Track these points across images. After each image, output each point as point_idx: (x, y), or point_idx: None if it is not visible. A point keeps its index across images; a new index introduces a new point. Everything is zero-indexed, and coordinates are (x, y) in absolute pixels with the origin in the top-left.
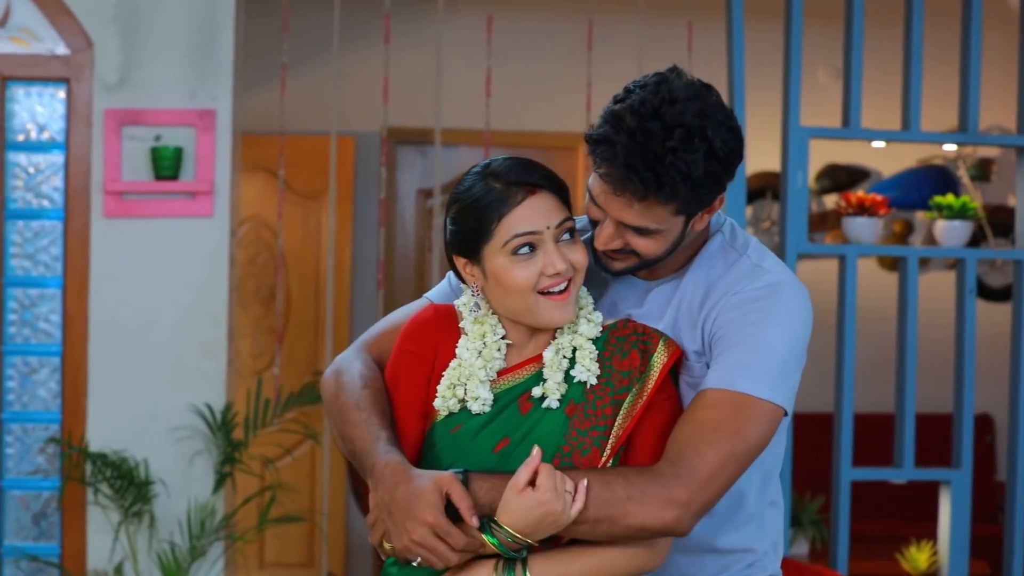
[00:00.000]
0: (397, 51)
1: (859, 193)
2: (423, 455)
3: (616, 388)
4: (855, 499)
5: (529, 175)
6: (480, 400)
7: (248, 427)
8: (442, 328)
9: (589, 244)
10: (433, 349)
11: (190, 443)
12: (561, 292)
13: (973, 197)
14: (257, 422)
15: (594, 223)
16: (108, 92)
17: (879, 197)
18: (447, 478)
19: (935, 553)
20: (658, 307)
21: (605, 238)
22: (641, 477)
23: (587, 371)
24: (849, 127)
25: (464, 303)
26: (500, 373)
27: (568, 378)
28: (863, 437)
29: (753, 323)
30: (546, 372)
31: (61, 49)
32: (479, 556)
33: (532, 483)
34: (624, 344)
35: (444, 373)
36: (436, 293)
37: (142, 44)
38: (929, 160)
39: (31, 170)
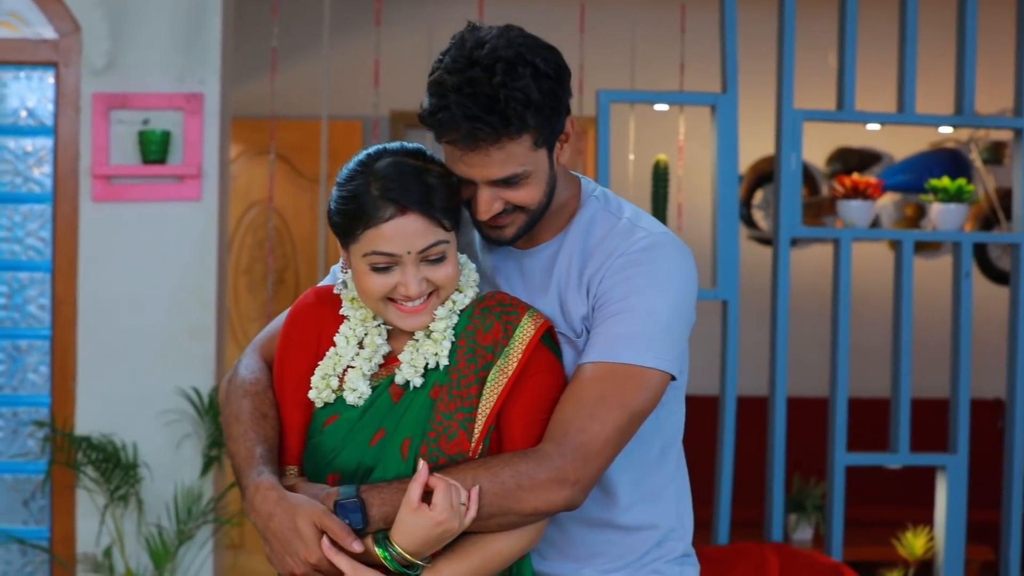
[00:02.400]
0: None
1: (853, 176)
2: (306, 445)
3: (480, 365)
4: (853, 484)
5: (403, 193)
6: (357, 392)
7: None
8: (324, 312)
9: (473, 224)
10: (316, 334)
11: (178, 427)
12: (414, 306)
13: (985, 180)
14: None
15: (468, 204)
16: (96, 76)
17: (873, 180)
18: (318, 513)
19: (931, 539)
20: (539, 276)
21: (484, 206)
22: (527, 462)
23: (435, 355)
24: (843, 109)
25: (341, 282)
26: (380, 366)
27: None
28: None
29: (636, 289)
30: (402, 356)
31: (49, 33)
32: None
33: (425, 497)
34: (488, 316)
35: (319, 363)
36: (325, 283)
37: (130, 28)
38: (941, 143)
39: (20, 154)
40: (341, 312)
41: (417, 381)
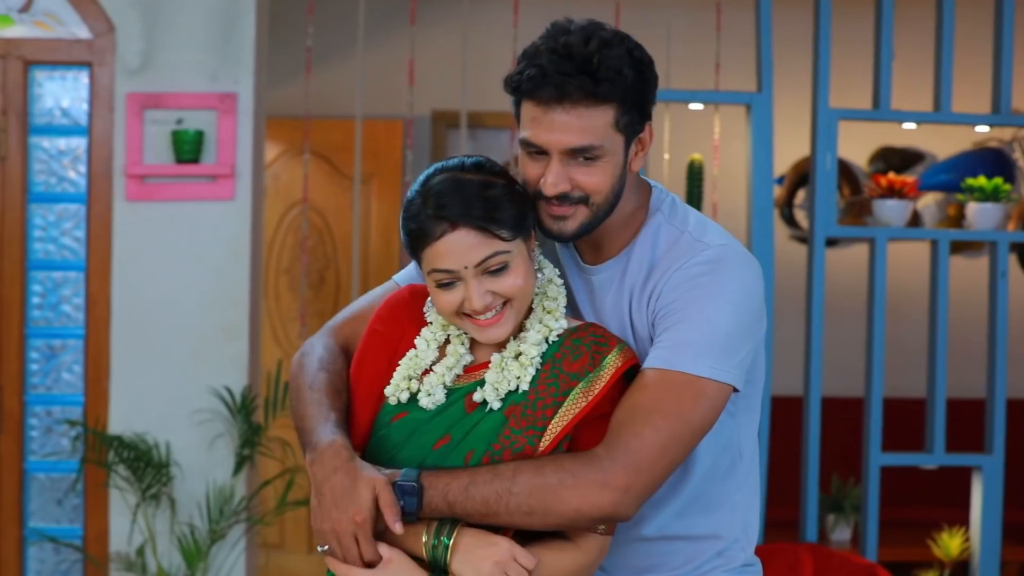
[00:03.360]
0: (423, 34)
1: (889, 175)
2: (370, 438)
3: (561, 389)
4: (888, 485)
5: (450, 209)
6: (433, 398)
7: (268, 410)
8: (414, 310)
9: (536, 227)
10: (400, 331)
11: (211, 426)
12: (487, 319)
13: None
14: (277, 405)
15: (537, 190)
16: (130, 76)
17: (909, 179)
18: (381, 483)
19: (967, 539)
20: (606, 294)
21: (553, 178)
22: (575, 462)
23: (517, 379)
24: (879, 109)
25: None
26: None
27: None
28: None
29: (695, 299)
30: (488, 376)
31: (84, 33)
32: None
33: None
34: (579, 347)
35: (400, 362)
36: (403, 275)
37: (164, 28)
38: (984, 143)
39: (54, 154)
40: (425, 316)
41: (496, 404)
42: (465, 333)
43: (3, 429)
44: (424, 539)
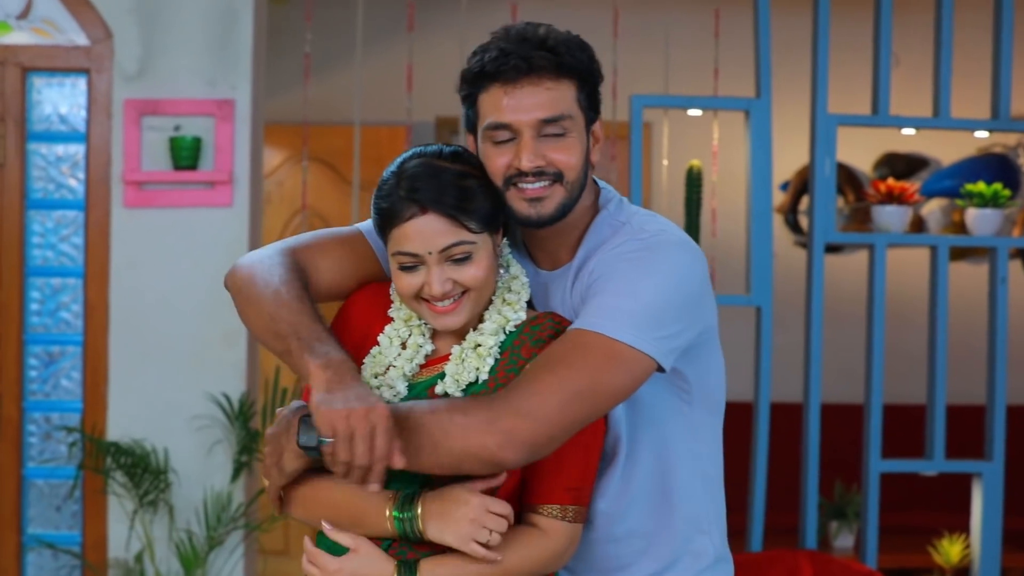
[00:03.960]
0: (421, 40)
1: (888, 181)
2: None
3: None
4: (889, 491)
5: (422, 193)
6: (394, 391)
7: (266, 416)
8: (376, 308)
9: (509, 222)
10: (365, 327)
11: (209, 432)
12: (444, 306)
13: None
14: (274, 411)
15: (508, 177)
16: (128, 82)
17: (908, 185)
18: (386, 408)
19: (967, 546)
20: (563, 297)
21: (529, 155)
22: (471, 402)
23: (476, 369)
24: (878, 114)
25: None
26: (421, 367)
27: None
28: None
29: (623, 271)
30: (447, 368)
31: (81, 40)
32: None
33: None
34: (537, 333)
35: (364, 360)
36: (367, 224)
37: (161, 34)
38: (989, 148)
39: (52, 160)
40: (388, 312)
41: (457, 395)
42: (425, 324)
43: (1, 436)
44: (388, 514)
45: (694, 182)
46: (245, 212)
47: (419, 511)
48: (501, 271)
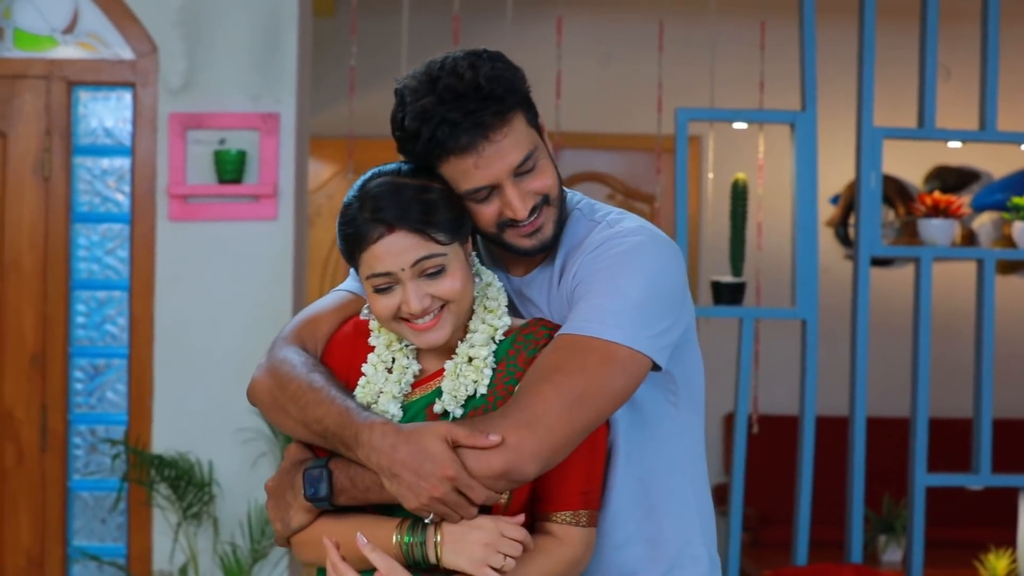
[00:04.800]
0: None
1: (935, 194)
2: None
3: (516, 386)
4: (935, 505)
5: (387, 211)
6: (388, 414)
7: None
8: (359, 343)
9: (489, 253)
10: (348, 364)
11: (254, 445)
12: (424, 323)
13: None
14: None
15: (501, 225)
16: (173, 96)
17: (955, 199)
18: (444, 427)
19: (1014, 560)
20: (540, 298)
21: (519, 203)
22: (478, 422)
23: (474, 382)
24: (924, 127)
25: (366, 307)
26: (413, 386)
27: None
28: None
29: (606, 270)
30: (444, 384)
31: (127, 54)
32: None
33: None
34: (531, 341)
35: (354, 394)
36: (346, 284)
37: (206, 48)
38: None
39: (98, 174)
40: (369, 342)
41: (457, 412)
42: (409, 345)
43: (47, 448)
44: (396, 540)
45: (739, 195)
46: (290, 225)
47: (434, 535)
48: (475, 279)
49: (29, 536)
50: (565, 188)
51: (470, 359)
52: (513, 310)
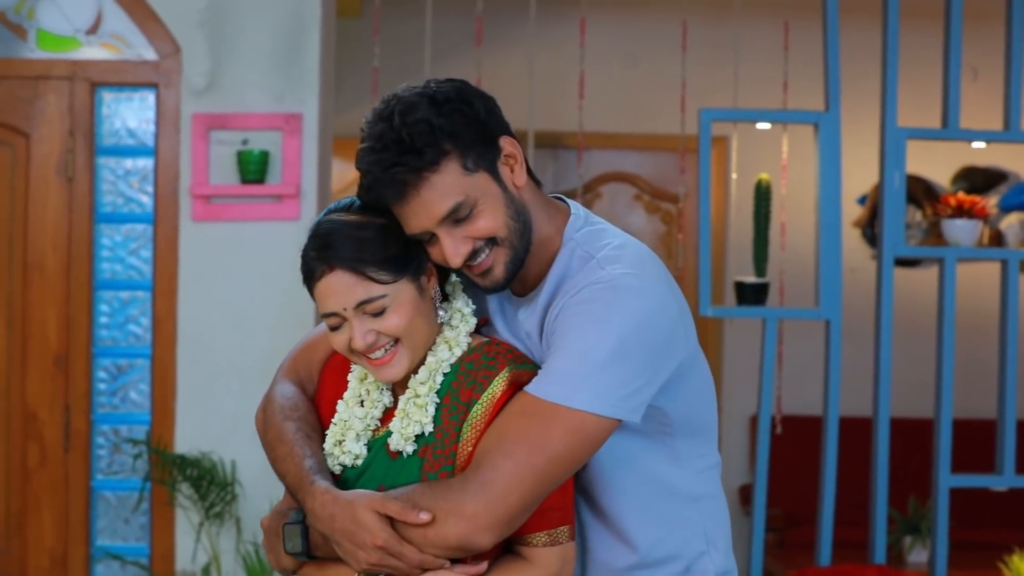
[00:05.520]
0: (489, 55)
1: (958, 195)
2: None
3: (460, 420)
4: (960, 507)
5: (325, 250)
6: (352, 454)
7: None
8: (342, 373)
9: (465, 282)
10: (337, 396)
11: None
12: (378, 358)
13: None
14: None
15: (438, 266)
16: (196, 97)
17: (979, 199)
18: (376, 500)
19: None
20: (532, 326)
21: (451, 250)
22: (437, 490)
23: (418, 422)
24: (948, 127)
25: None
26: (382, 419)
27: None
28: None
29: (576, 326)
30: (392, 424)
31: (150, 55)
32: None
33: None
34: (471, 372)
35: (327, 432)
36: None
37: (229, 49)
38: None
39: (121, 174)
40: (347, 377)
41: (408, 449)
42: (384, 390)
43: (71, 448)
44: None
45: (763, 196)
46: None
47: None
48: (441, 311)
49: (52, 536)
50: (576, 206)
51: (416, 395)
52: (511, 331)
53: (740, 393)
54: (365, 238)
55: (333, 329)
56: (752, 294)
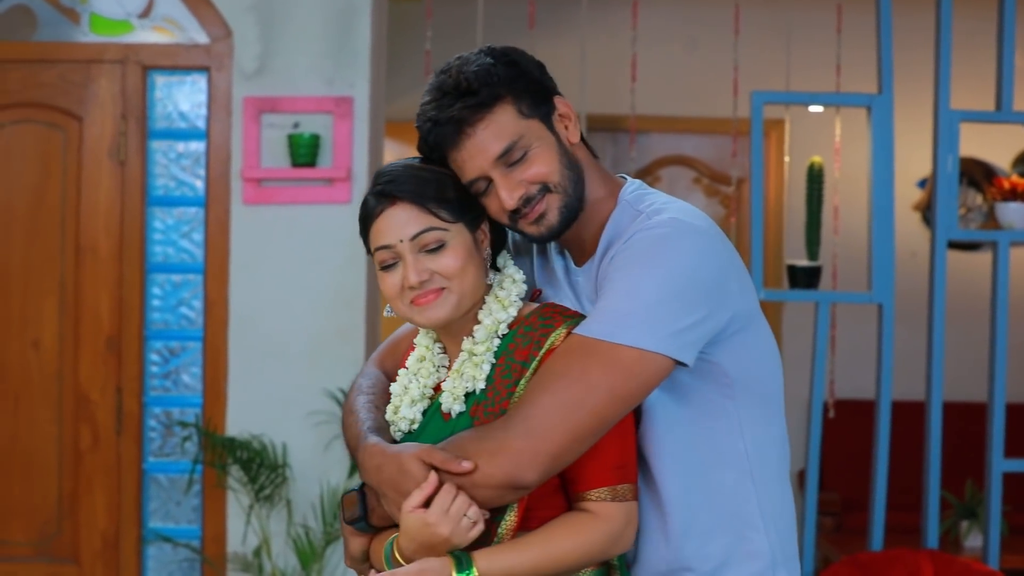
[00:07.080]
0: (542, 38)
1: (1012, 178)
2: None
3: (514, 379)
4: (1016, 491)
5: (391, 185)
6: (408, 419)
7: None
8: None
9: (523, 236)
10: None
11: (327, 428)
12: (424, 297)
13: None
14: None
15: (511, 215)
16: (247, 80)
17: None
18: (424, 450)
19: None
20: (590, 288)
21: (506, 193)
22: (482, 432)
23: (472, 379)
24: (1001, 110)
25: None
26: (437, 387)
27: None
28: None
29: (625, 267)
30: (444, 384)
31: (202, 38)
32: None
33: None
34: (528, 333)
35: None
36: None
37: (280, 32)
38: None
39: (173, 157)
40: (414, 340)
41: (457, 408)
42: (439, 346)
43: (123, 430)
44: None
45: (815, 179)
46: None
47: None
48: (492, 273)
49: (105, 518)
50: (626, 176)
51: (472, 355)
52: (572, 301)
53: (793, 378)
54: (427, 178)
55: (384, 268)
56: (804, 277)
